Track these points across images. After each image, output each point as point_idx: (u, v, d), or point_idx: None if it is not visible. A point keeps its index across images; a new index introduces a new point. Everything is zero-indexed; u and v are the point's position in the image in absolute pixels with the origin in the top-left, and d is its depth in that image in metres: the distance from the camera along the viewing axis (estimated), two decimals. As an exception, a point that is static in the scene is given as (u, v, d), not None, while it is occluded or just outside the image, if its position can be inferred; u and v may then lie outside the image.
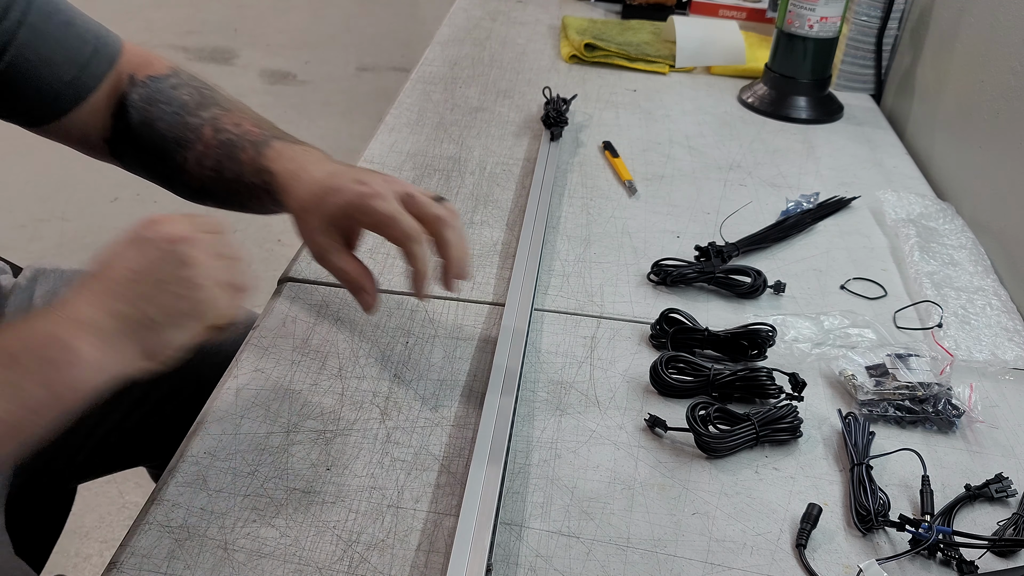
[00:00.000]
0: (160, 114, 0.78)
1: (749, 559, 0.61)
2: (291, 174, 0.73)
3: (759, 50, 1.47)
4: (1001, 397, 0.78)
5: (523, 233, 0.93)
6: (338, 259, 0.71)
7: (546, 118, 1.19)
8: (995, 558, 0.62)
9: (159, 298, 0.56)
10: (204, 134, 0.77)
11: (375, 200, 0.68)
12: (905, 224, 1.00)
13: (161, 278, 0.56)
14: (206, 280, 0.57)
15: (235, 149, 0.76)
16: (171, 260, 0.56)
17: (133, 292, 0.55)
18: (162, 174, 0.81)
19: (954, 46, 1.19)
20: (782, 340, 0.80)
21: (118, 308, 0.54)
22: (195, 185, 0.79)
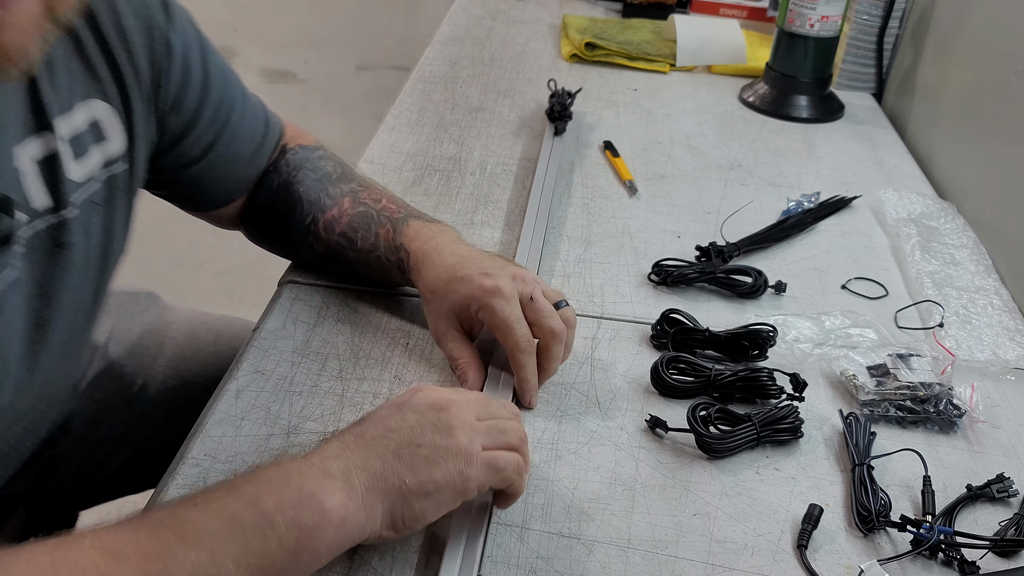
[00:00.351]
0: (303, 178, 0.82)
1: (750, 560, 0.61)
2: (425, 255, 0.76)
3: (760, 49, 1.47)
4: (1002, 397, 0.78)
5: (524, 231, 0.93)
6: (453, 347, 0.74)
7: (550, 111, 1.19)
8: (997, 558, 0.62)
9: (414, 463, 0.53)
10: (342, 203, 0.81)
11: (495, 299, 0.70)
12: (906, 223, 1.00)
13: (419, 442, 0.54)
14: (466, 451, 0.55)
15: (372, 222, 0.79)
16: (431, 425, 0.55)
17: (388, 451, 0.53)
18: (284, 235, 0.83)
19: (955, 45, 1.18)
20: (783, 340, 0.80)
21: (371, 465, 0.53)
22: (320, 248, 0.82)
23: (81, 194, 0.65)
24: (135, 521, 0.49)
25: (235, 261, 2.27)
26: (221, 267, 2.28)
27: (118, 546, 0.46)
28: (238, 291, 2.21)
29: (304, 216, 0.82)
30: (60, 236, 0.63)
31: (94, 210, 0.66)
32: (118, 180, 0.69)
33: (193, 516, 0.48)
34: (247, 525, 0.48)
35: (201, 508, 0.48)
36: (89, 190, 0.66)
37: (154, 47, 0.70)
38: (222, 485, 0.51)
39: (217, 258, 2.29)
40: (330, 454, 0.53)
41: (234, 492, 0.50)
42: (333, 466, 0.52)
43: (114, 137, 0.68)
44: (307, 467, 0.52)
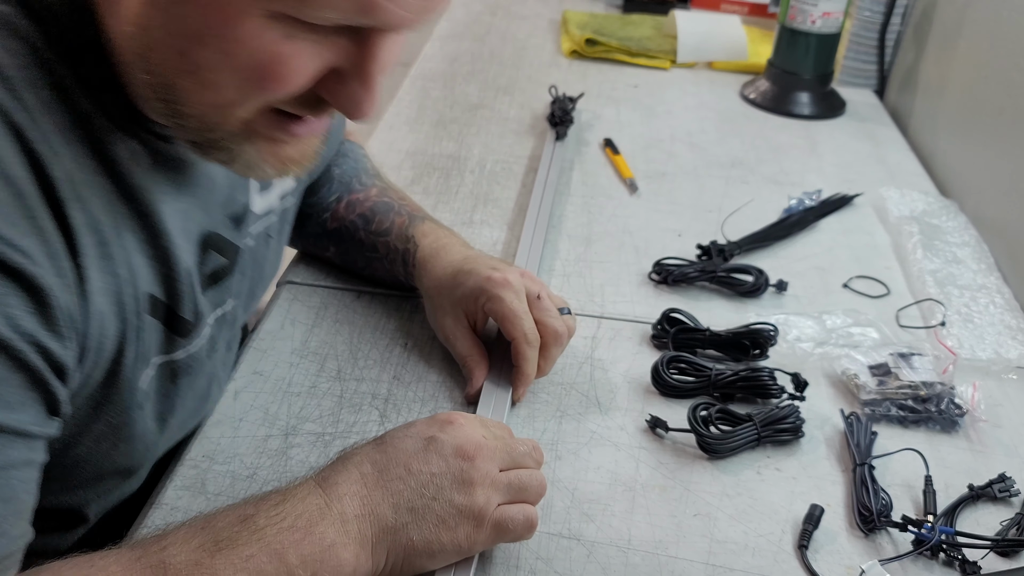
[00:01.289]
0: (341, 163, 0.86)
1: (751, 560, 0.61)
2: (433, 252, 0.77)
3: (761, 45, 1.46)
4: (1004, 396, 0.78)
5: (524, 235, 0.93)
6: (460, 343, 0.74)
7: (552, 117, 1.18)
8: (998, 558, 0.62)
9: (425, 522, 0.53)
10: (370, 191, 0.84)
11: (504, 290, 0.71)
12: (908, 221, 1.00)
13: (435, 496, 0.54)
14: (479, 512, 0.55)
15: (391, 211, 0.82)
16: (451, 478, 0.54)
17: (403, 502, 0.53)
18: (300, 213, 0.83)
19: (958, 42, 1.18)
20: (784, 340, 0.80)
21: (384, 515, 0.53)
22: (332, 225, 0.83)
23: (259, 226, 0.68)
24: (157, 561, 0.47)
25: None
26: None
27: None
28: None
29: (330, 193, 0.84)
30: (234, 265, 0.66)
31: (267, 242, 0.70)
32: (289, 213, 0.74)
33: (219, 567, 0.47)
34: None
35: (226, 556, 0.48)
36: (266, 223, 0.69)
37: None
38: (245, 523, 0.50)
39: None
40: (347, 491, 0.53)
41: (259, 539, 0.49)
42: (350, 510, 0.52)
43: None
44: (326, 507, 0.52)
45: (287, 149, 0.52)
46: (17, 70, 0.45)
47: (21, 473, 0.44)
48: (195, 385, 0.62)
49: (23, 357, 0.43)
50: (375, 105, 0.49)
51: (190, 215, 0.57)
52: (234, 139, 0.50)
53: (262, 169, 0.52)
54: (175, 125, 0.50)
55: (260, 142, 0.50)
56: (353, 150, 0.88)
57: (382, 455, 0.55)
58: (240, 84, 0.46)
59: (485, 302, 0.72)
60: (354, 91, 0.48)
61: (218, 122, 0.48)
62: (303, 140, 0.52)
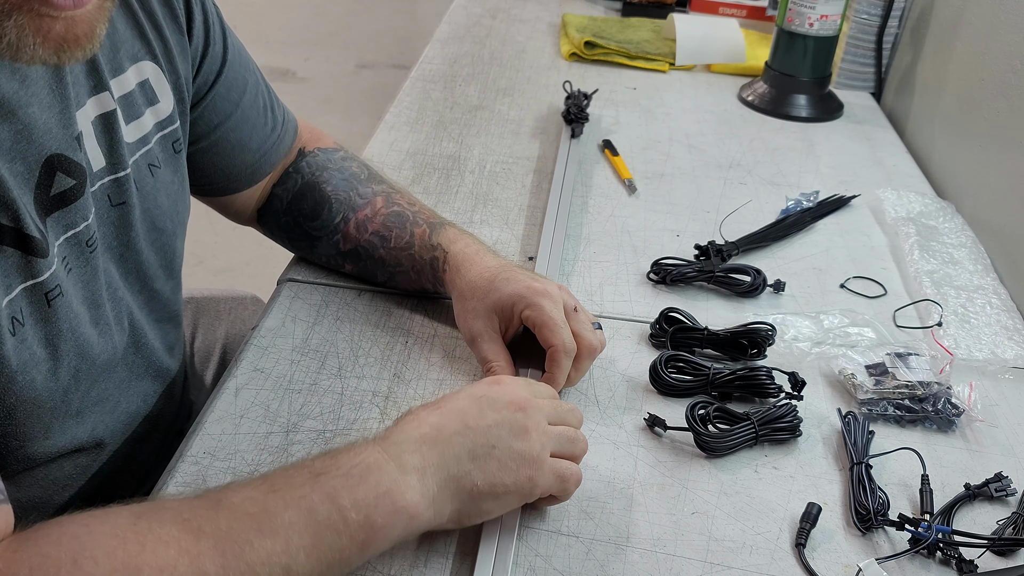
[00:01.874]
0: (329, 178, 0.84)
1: (749, 558, 0.61)
2: (467, 257, 0.77)
3: (759, 48, 1.47)
4: (1001, 396, 0.78)
5: (544, 234, 0.93)
6: (488, 348, 0.74)
7: (567, 114, 1.18)
8: (995, 557, 0.62)
9: (488, 466, 0.56)
10: (375, 202, 0.82)
11: (544, 299, 0.71)
12: (905, 222, 1.00)
13: (494, 443, 0.56)
14: (537, 457, 0.57)
15: (408, 223, 0.81)
16: (507, 427, 0.57)
17: (464, 452, 0.55)
18: (306, 234, 0.84)
19: (954, 44, 1.18)
20: (782, 339, 0.80)
21: (447, 464, 0.55)
22: (346, 247, 0.83)
23: (136, 155, 0.67)
24: (214, 499, 0.50)
25: (234, 259, 2.27)
26: (220, 264, 2.28)
27: (199, 523, 0.48)
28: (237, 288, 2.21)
29: (333, 215, 0.82)
30: (117, 196, 0.65)
31: (152, 171, 0.69)
32: (172, 141, 0.72)
33: (272, 504, 0.49)
34: (322, 520, 0.50)
35: (280, 496, 0.50)
36: (143, 151, 0.68)
37: (188, 3, 0.72)
38: (301, 469, 0.52)
39: (216, 255, 2.29)
40: (408, 447, 0.54)
41: (313, 482, 0.51)
42: (410, 462, 0.54)
43: (164, 98, 0.70)
44: (385, 460, 0.53)
45: (55, 26, 0.49)
46: None
47: None
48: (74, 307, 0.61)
49: None
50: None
51: (25, 136, 0.56)
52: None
53: (33, 51, 0.49)
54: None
55: (21, 18, 0.48)
56: (331, 159, 0.86)
57: (439, 417, 0.57)
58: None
59: (524, 308, 0.72)
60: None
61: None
62: (73, 17, 0.49)
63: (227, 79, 0.77)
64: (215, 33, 0.75)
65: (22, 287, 0.57)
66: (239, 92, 0.78)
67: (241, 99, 0.78)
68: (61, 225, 0.60)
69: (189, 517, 0.48)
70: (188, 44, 0.72)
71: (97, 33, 0.51)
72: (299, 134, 0.87)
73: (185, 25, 0.72)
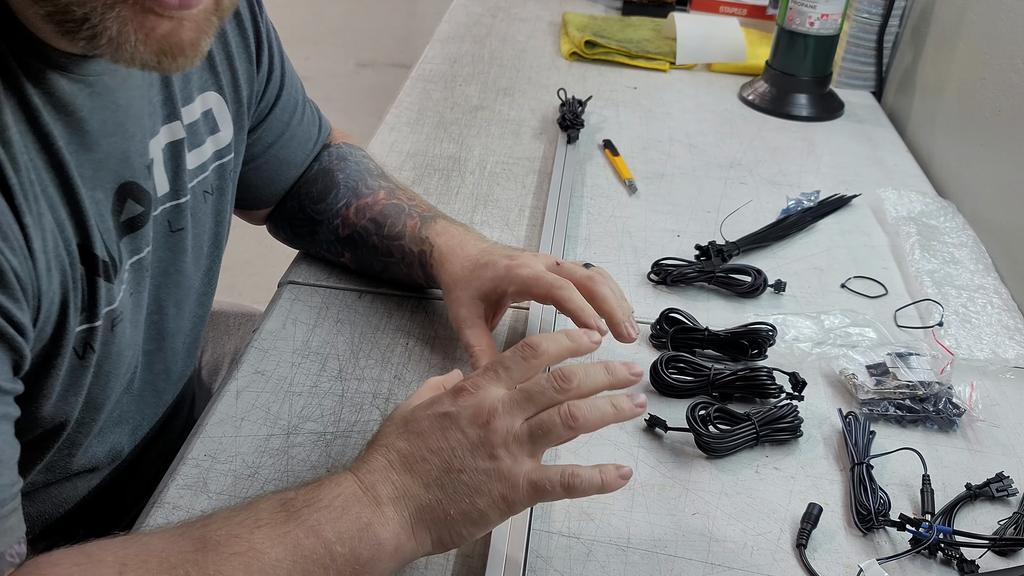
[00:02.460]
0: (345, 167, 0.86)
1: (749, 559, 0.61)
2: (450, 249, 0.78)
3: (760, 47, 1.47)
4: (1002, 396, 0.78)
5: (543, 241, 0.93)
6: (471, 333, 0.74)
7: (562, 120, 1.18)
8: (996, 557, 0.62)
9: (458, 492, 0.52)
10: (378, 194, 0.84)
11: (521, 268, 0.72)
12: (906, 222, 1.00)
13: (461, 468, 0.52)
14: (509, 472, 0.53)
15: (402, 214, 0.82)
16: (471, 447, 0.53)
17: (432, 480, 0.52)
18: (309, 218, 0.85)
19: (955, 43, 1.18)
20: (782, 339, 0.80)
21: (417, 494, 0.52)
22: (344, 232, 0.84)
23: (193, 182, 0.68)
24: (198, 538, 0.48)
25: (235, 258, 2.27)
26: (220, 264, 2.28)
27: (187, 571, 0.46)
28: (237, 288, 2.21)
29: (338, 199, 0.84)
30: (175, 222, 0.67)
31: (205, 198, 0.70)
32: (226, 169, 0.73)
33: (257, 542, 0.48)
34: (308, 555, 0.49)
35: (265, 533, 0.49)
36: (200, 178, 0.69)
37: (259, 34, 0.74)
38: (281, 503, 0.51)
39: (217, 256, 2.29)
40: (379, 476, 0.53)
41: (296, 516, 0.50)
42: (384, 493, 0.52)
43: (224, 127, 0.72)
44: (362, 492, 0.52)
45: (160, 25, 0.48)
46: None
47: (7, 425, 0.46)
48: (127, 332, 0.63)
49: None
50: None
51: (104, 164, 0.57)
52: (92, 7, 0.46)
53: (134, 48, 0.48)
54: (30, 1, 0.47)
55: (124, 11, 0.47)
56: (353, 153, 0.88)
57: (405, 442, 0.54)
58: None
59: (507, 288, 0.73)
60: None
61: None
62: (178, 19, 0.48)
63: (283, 101, 0.80)
64: (276, 60, 0.78)
65: (104, 312, 0.58)
66: (291, 112, 0.82)
67: (291, 119, 0.82)
68: (128, 251, 0.62)
69: (177, 564, 0.46)
70: (256, 73, 0.75)
71: (202, 45, 0.51)
72: (331, 137, 0.90)
73: (255, 55, 0.74)
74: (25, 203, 0.49)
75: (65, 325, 0.55)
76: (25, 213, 0.48)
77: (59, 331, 0.54)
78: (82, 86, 0.54)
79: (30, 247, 0.49)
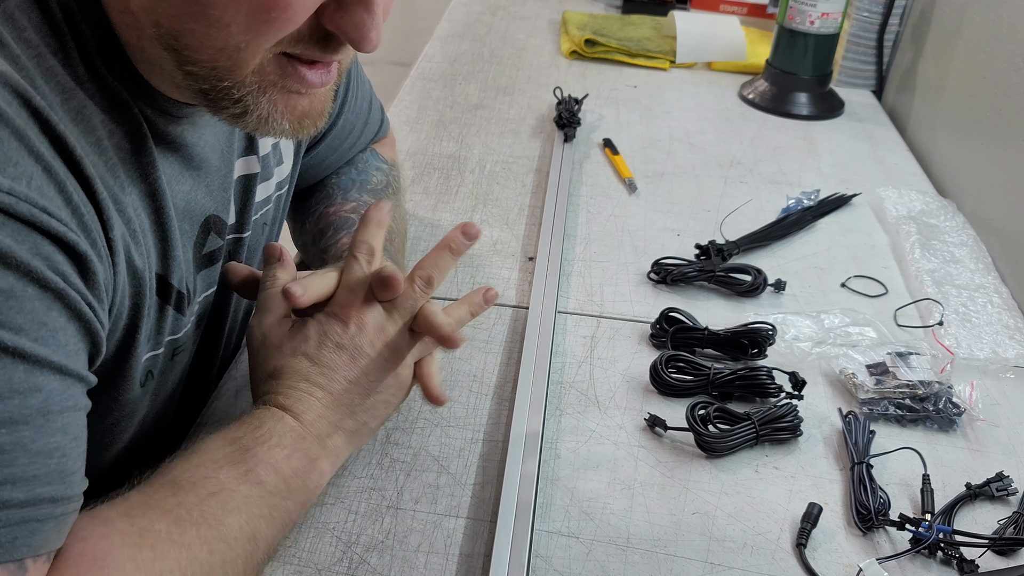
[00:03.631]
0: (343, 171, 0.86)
1: (749, 559, 0.61)
2: None
3: (760, 46, 1.47)
4: (1002, 395, 0.78)
5: (541, 240, 0.93)
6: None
7: (559, 119, 1.18)
8: (996, 557, 0.62)
9: (375, 408, 0.61)
10: (344, 205, 0.83)
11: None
12: (906, 221, 1.00)
13: (377, 389, 0.60)
14: (407, 378, 0.62)
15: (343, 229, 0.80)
16: (380, 368, 0.60)
17: (360, 408, 0.60)
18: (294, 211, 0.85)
19: (956, 42, 1.18)
20: (782, 339, 0.80)
21: (347, 425, 0.59)
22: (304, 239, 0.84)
23: (257, 215, 0.70)
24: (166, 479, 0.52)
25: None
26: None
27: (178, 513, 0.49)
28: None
29: (316, 203, 0.84)
30: (236, 253, 0.68)
31: (263, 230, 0.72)
32: (282, 200, 0.75)
33: (227, 482, 0.52)
34: (271, 489, 0.54)
35: (228, 472, 0.53)
36: (263, 211, 0.71)
37: None
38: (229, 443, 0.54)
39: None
40: (314, 416, 0.58)
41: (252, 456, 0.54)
42: (323, 430, 0.58)
43: (287, 159, 0.74)
44: (302, 430, 0.57)
45: (301, 102, 0.52)
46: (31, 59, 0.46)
47: (82, 416, 0.46)
48: (184, 361, 0.65)
49: (77, 307, 0.45)
50: (378, 29, 0.49)
51: (194, 197, 0.59)
52: (248, 91, 0.50)
53: (278, 123, 0.52)
54: (186, 76, 0.50)
55: (274, 93, 0.51)
56: (366, 160, 0.88)
57: (323, 378, 0.59)
58: (246, 20, 0.46)
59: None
60: (357, 15, 0.48)
61: (229, 68, 0.49)
62: (316, 93, 0.53)
63: (338, 128, 0.82)
64: (341, 92, 0.80)
65: (167, 340, 0.60)
66: (343, 137, 0.84)
67: (342, 143, 0.84)
68: (204, 284, 0.64)
69: (168, 509, 0.49)
70: None
71: (328, 110, 0.56)
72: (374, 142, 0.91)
73: None
74: (114, 218, 0.50)
75: (133, 350, 0.55)
76: (113, 227, 0.50)
77: (126, 354, 0.55)
78: (180, 120, 0.56)
79: (114, 260, 0.50)
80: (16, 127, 0.43)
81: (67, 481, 0.44)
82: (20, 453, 0.41)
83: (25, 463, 0.42)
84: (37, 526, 0.42)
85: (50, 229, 0.43)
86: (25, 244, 0.42)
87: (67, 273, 0.45)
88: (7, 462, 0.41)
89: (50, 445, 0.43)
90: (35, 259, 0.42)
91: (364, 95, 0.86)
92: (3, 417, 0.41)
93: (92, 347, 0.48)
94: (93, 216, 0.48)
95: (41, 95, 0.46)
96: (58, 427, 0.44)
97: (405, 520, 0.62)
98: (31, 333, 0.42)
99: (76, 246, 0.45)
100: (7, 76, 0.44)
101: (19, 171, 0.42)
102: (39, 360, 0.42)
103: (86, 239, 0.46)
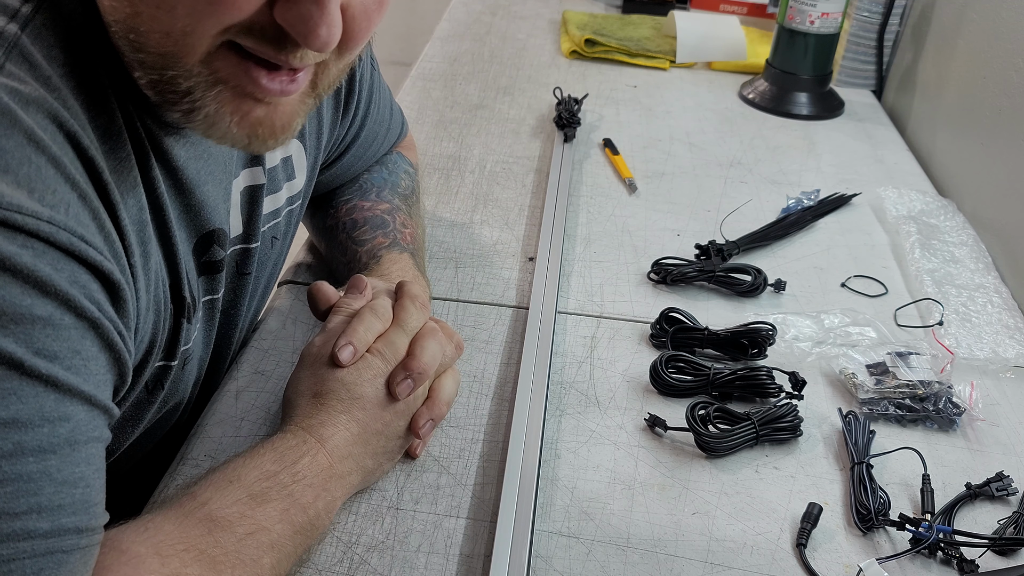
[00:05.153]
0: (374, 169, 0.87)
1: (749, 559, 0.61)
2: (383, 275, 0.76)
3: (760, 46, 1.47)
4: (1002, 395, 0.78)
5: (541, 241, 0.93)
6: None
7: (559, 119, 1.18)
8: (996, 557, 0.62)
9: (391, 451, 0.64)
10: (379, 204, 0.84)
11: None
12: (906, 221, 1.00)
13: (394, 434, 0.63)
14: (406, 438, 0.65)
15: (379, 228, 0.81)
16: (402, 417, 0.63)
17: (380, 452, 0.62)
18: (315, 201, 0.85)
19: (956, 42, 1.18)
20: (782, 339, 0.80)
21: (367, 465, 0.62)
22: (329, 222, 0.84)
23: (265, 227, 0.70)
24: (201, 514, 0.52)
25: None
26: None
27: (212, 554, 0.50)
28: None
29: (345, 193, 0.84)
30: (243, 265, 0.68)
31: (272, 243, 0.72)
32: (294, 215, 0.75)
33: (262, 519, 0.53)
34: (299, 527, 0.55)
35: (264, 511, 0.54)
36: (272, 224, 0.71)
37: (351, 79, 0.76)
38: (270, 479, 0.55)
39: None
40: (344, 452, 0.60)
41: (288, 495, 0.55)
42: (345, 469, 0.60)
43: (299, 174, 0.74)
44: (329, 466, 0.58)
45: (256, 109, 0.49)
46: (62, 78, 0.46)
47: (103, 448, 0.46)
48: (191, 369, 0.65)
49: (109, 336, 0.45)
50: (331, 28, 0.45)
51: (195, 210, 0.59)
52: (196, 83, 0.47)
53: (225, 127, 0.49)
54: (140, 66, 0.47)
55: (224, 92, 0.48)
56: (395, 162, 0.88)
57: (362, 413, 0.61)
58: (191, 1, 0.44)
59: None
60: (304, 7, 0.45)
61: (176, 54, 0.46)
62: (274, 104, 0.49)
63: (359, 141, 0.82)
64: (363, 103, 0.80)
65: (180, 351, 0.60)
66: (366, 147, 0.84)
67: (365, 152, 0.84)
68: (204, 290, 0.63)
69: (204, 549, 0.50)
70: (340, 119, 0.77)
71: (294, 126, 0.52)
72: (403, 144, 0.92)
73: (344, 101, 0.76)
74: (135, 244, 0.50)
75: (147, 363, 0.56)
76: (134, 253, 0.50)
77: (140, 367, 0.55)
78: (178, 137, 0.56)
79: (136, 285, 0.50)
80: (53, 154, 0.43)
81: (91, 512, 0.44)
82: (46, 482, 0.41)
83: (51, 492, 0.41)
84: (63, 557, 0.42)
85: (87, 258, 0.43)
86: (64, 272, 0.42)
87: (101, 302, 0.45)
88: (33, 491, 0.40)
89: (75, 475, 0.43)
90: (73, 288, 0.42)
91: (385, 102, 0.86)
92: (32, 445, 0.40)
93: (119, 378, 0.48)
94: (118, 242, 0.48)
95: (73, 115, 0.45)
96: (83, 457, 0.43)
97: (405, 520, 0.62)
98: (65, 361, 0.42)
99: (111, 275, 0.45)
100: (41, 101, 0.44)
101: (57, 199, 0.42)
102: (71, 389, 0.42)
103: (117, 267, 0.46)
